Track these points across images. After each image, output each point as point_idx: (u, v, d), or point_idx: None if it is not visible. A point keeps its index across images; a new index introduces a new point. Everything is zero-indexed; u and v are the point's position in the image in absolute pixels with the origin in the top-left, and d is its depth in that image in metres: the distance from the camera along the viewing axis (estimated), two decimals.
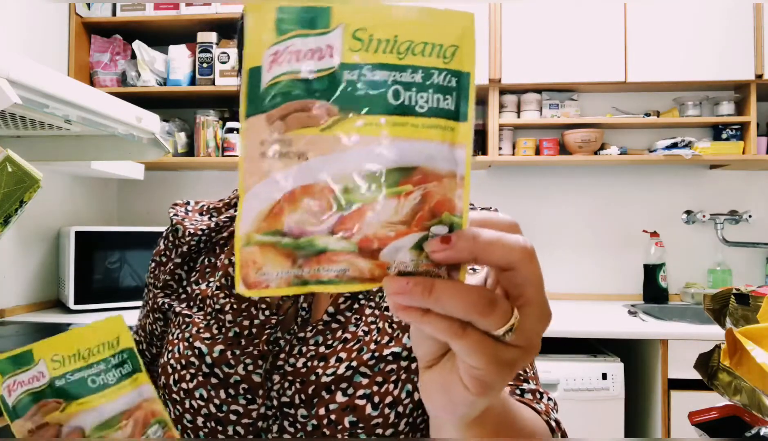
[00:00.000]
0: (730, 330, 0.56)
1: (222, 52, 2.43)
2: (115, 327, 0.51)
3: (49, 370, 0.49)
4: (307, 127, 0.29)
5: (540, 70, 2.33)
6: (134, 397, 0.50)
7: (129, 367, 0.51)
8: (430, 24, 0.29)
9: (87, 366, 0.49)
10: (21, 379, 0.49)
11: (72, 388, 0.49)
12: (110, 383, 0.50)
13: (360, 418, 0.58)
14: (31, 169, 0.59)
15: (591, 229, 2.62)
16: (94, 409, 0.49)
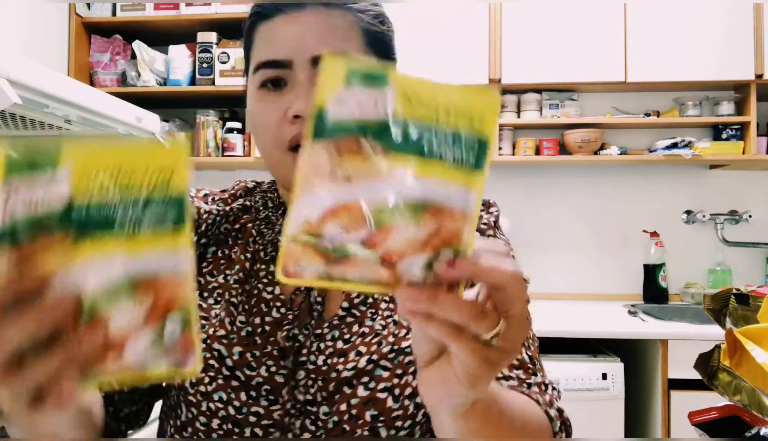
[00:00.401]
0: (730, 330, 0.56)
1: (222, 52, 2.43)
2: (172, 158, 0.36)
3: (72, 185, 0.35)
4: (359, 159, 0.36)
5: (540, 70, 2.33)
6: (167, 263, 0.37)
7: (172, 217, 0.37)
8: (466, 97, 0.37)
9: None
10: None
11: (92, 219, 0.35)
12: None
13: (381, 411, 0.58)
14: None
15: (591, 229, 2.62)
16: (109, 259, 0.35)
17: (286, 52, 0.61)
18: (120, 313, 0.36)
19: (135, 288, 0.36)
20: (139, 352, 0.36)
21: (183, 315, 0.37)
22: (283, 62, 0.61)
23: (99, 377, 0.36)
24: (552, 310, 2.25)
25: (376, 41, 0.65)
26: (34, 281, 0.34)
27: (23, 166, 0.35)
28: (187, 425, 0.62)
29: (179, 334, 0.37)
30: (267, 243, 0.68)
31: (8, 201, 0.34)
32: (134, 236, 0.36)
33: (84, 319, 0.35)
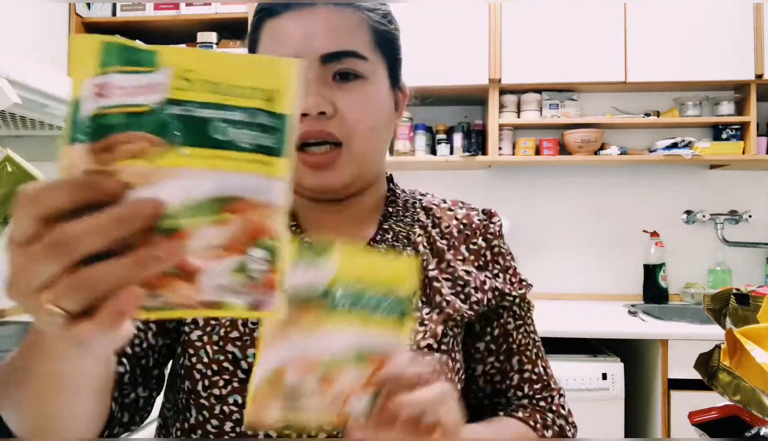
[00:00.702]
0: (730, 330, 0.56)
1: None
2: (281, 71, 0.33)
3: (170, 87, 0.31)
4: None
5: (540, 70, 2.33)
6: (260, 187, 0.32)
7: (271, 141, 0.32)
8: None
9: (223, 105, 0.32)
10: (122, 83, 0.30)
11: (187, 126, 0.31)
12: (242, 145, 0.32)
13: None
14: (31, 168, 0.59)
15: (591, 229, 2.62)
16: (198, 172, 0.31)
17: (295, 49, 0.61)
18: (201, 233, 0.31)
19: (221, 207, 0.32)
20: (216, 280, 0.32)
21: (271, 248, 0.33)
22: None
23: (167, 300, 0.32)
24: (552, 310, 2.25)
25: (384, 40, 0.66)
26: (114, 182, 0.30)
27: (121, 57, 0.31)
28: (196, 428, 0.61)
29: (264, 269, 0.33)
30: None
31: (102, 87, 0.30)
32: (227, 153, 0.32)
33: (161, 232, 0.31)
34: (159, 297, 0.32)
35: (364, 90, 0.63)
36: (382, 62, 0.66)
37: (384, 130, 0.67)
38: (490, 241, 0.72)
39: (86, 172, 0.30)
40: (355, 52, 0.62)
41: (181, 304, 0.32)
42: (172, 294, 0.32)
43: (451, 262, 0.68)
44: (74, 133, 0.31)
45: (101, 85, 0.30)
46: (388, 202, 0.72)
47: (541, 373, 0.70)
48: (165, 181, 0.31)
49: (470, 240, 0.71)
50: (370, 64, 0.63)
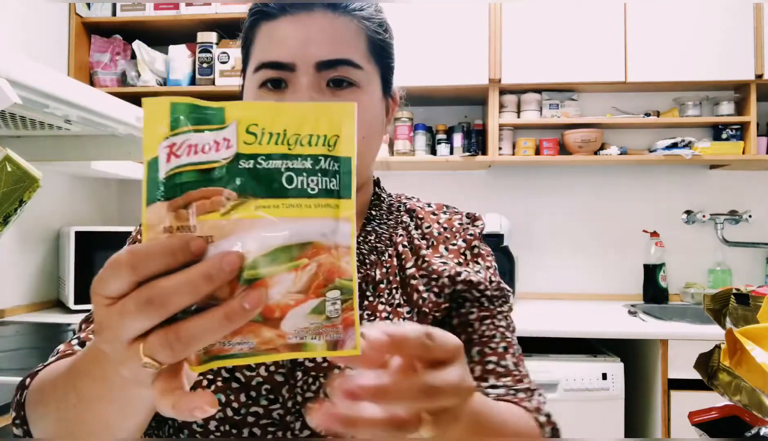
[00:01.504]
0: (730, 330, 0.56)
1: (222, 52, 2.43)
2: (340, 121, 0.34)
3: (238, 141, 0.33)
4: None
5: (540, 70, 2.33)
6: (330, 232, 0.34)
7: (335, 184, 0.34)
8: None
9: (289, 155, 0.33)
10: (193, 142, 0.32)
11: (257, 178, 0.33)
12: (310, 192, 0.33)
13: None
14: (30, 168, 0.59)
15: (591, 229, 2.62)
16: (272, 222, 0.33)
17: (290, 54, 0.61)
18: (280, 280, 0.33)
19: (296, 254, 0.33)
20: (297, 324, 0.33)
21: (345, 289, 0.34)
22: (287, 64, 0.61)
23: (254, 346, 0.33)
24: (552, 310, 2.25)
25: (378, 49, 0.66)
26: (200, 242, 0.32)
27: (190, 116, 0.32)
28: (183, 427, 0.62)
29: (339, 309, 0.34)
30: None
31: (174, 147, 0.32)
32: (297, 200, 0.33)
33: (243, 283, 0.32)
34: (246, 343, 0.33)
35: (357, 98, 0.63)
36: (375, 71, 0.66)
37: (375, 139, 0.67)
38: (470, 241, 0.72)
39: (167, 229, 0.32)
40: (351, 61, 0.62)
41: (268, 349, 0.34)
42: (258, 340, 0.33)
43: (426, 257, 0.69)
44: (153, 194, 0.32)
45: (174, 145, 0.32)
46: (372, 206, 0.73)
47: (509, 367, 0.65)
48: (241, 232, 0.32)
49: (449, 241, 0.72)
50: (365, 73, 0.63)
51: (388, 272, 0.68)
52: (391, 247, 0.70)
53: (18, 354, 1.46)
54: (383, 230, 0.71)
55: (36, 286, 2.15)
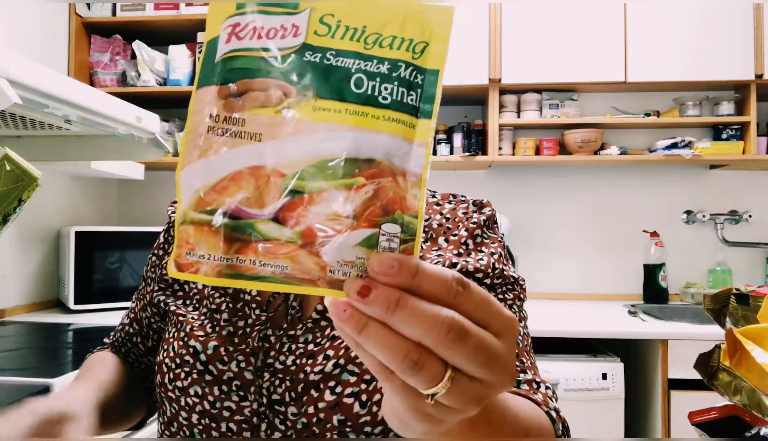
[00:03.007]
0: (730, 330, 0.56)
1: None
2: (432, 21, 0.28)
3: (308, 31, 0.28)
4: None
5: (540, 70, 2.33)
6: (400, 149, 0.28)
7: (414, 99, 0.28)
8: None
9: (365, 55, 0.28)
10: (259, 24, 0.28)
11: (324, 77, 0.28)
12: (383, 101, 0.28)
13: (348, 417, 0.57)
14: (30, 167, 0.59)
15: (591, 229, 2.62)
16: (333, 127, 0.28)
17: None
18: (329, 198, 0.28)
19: (354, 170, 0.28)
20: (341, 255, 0.28)
21: (407, 223, 0.28)
22: None
23: (289, 273, 0.28)
24: (552, 310, 2.25)
25: None
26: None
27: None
28: (172, 421, 0.64)
29: (397, 249, 0.28)
30: None
31: (237, 28, 0.28)
32: (365, 108, 0.28)
33: (286, 195, 0.28)
34: (280, 267, 0.28)
35: None
36: None
37: None
38: (472, 230, 0.68)
39: (213, 116, 0.28)
40: None
41: (303, 278, 0.28)
42: (293, 265, 0.28)
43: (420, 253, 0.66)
44: (205, 76, 0.28)
45: (237, 25, 0.28)
46: None
47: None
48: (294, 135, 0.28)
49: (450, 232, 0.68)
50: None
51: None
52: None
53: (18, 354, 1.46)
54: None
55: (36, 286, 2.15)
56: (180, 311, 0.67)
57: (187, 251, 0.28)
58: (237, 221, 0.28)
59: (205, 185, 0.28)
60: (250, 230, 0.28)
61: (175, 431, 0.63)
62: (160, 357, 0.66)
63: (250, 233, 0.28)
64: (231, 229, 0.28)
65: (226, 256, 0.28)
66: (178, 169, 0.28)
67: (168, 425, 0.64)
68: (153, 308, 0.74)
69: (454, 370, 0.28)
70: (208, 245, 0.28)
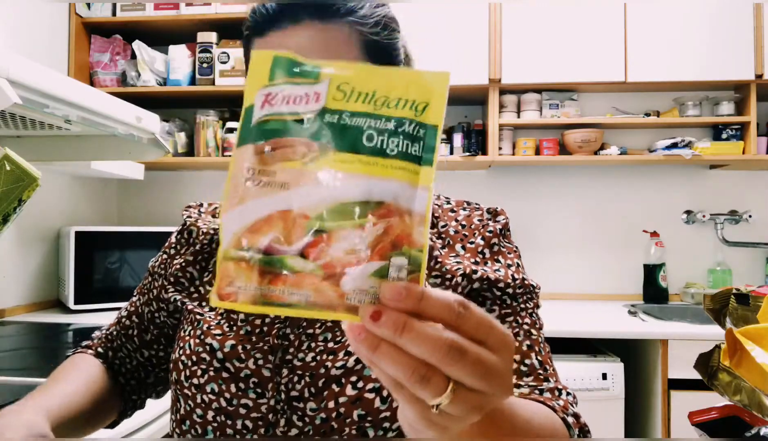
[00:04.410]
0: (730, 330, 0.56)
1: (222, 52, 2.43)
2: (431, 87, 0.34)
3: (328, 97, 0.34)
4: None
5: (540, 70, 2.33)
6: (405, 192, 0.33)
7: (417, 150, 0.34)
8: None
9: (374, 115, 0.34)
10: (287, 93, 0.34)
11: (342, 132, 0.33)
12: (390, 153, 0.33)
13: (368, 411, 0.58)
14: (30, 167, 0.59)
15: (591, 229, 2.62)
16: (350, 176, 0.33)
17: None
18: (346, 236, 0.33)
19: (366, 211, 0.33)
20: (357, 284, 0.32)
21: (413, 256, 0.33)
22: None
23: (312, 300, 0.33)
24: (552, 310, 2.25)
25: (375, 51, 0.64)
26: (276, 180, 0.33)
27: (289, 69, 0.35)
28: (185, 418, 0.64)
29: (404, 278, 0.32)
30: None
31: (270, 96, 0.35)
32: (376, 159, 0.33)
33: (309, 234, 0.33)
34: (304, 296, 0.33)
35: None
36: None
37: None
38: (489, 239, 0.69)
39: (249, 168, 0.34)
40: None
41: (325, 305, 0.33)
42: (317, 295, 0.33)
43: (439, 258, 0.66)
44: (243, 136, 0.34)
45: (269, 94, 0.34)
46: None
47: (534, 366, 0.62)
48: (317, 183, 0.33)
49: (467, 239, 0.69)
50: None
51: None
52: None
53: (18, 354, 1.46)
54: None
55: (36, 286, 2.15)
56: (197, 310, 0.68)
57: (227, 283, 0.33)
58: (269, 257, 0.33)
59: (241, 228, 0.33)
60: (280, 264, 0.33)
61: (187, 429, 0.64)
62: (176, 354, 0.66)
63: (280, 267, 0.33)
64: (264, 264, 0.33)
65: (260, 287, 0.33)
66: (221, 213, 0.34)
67: (180, 423, 0.65)
68: (161, 303, 0.74)
69: (456, 383, 0.32)
70: (244, 278, 0.33)
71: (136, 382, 0.79)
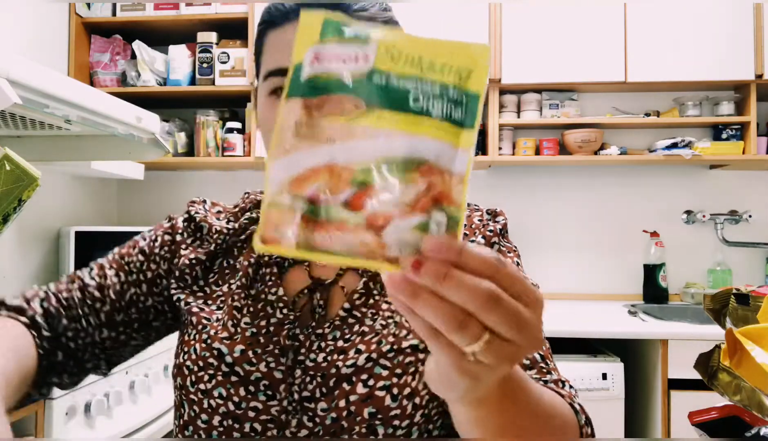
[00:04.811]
0: (730, 330, 0.56)
1: (222, 52, 2.43)
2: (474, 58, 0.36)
3: (377, 58, 0.36)
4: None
5: (540, 70, 2.33)
6: (447, 156, 0.35)
7: (459, 114, 0.36)
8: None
9: (421, 79, 0.36)
10: (337, 51, 0.36)
11: (388, 92, 0.36)
12: (432, 114, 0.35)
13: (379, 409, 0.59)
14: (29, 167, 0.59)
15: (591, 229, 2.62)
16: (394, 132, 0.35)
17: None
18: (390, 189, 0.34)
19: (410, 169, 0.35)
20: (399, 235, 0.34)
21: (452, 214, 0.35)
22: None
23: (354, 249, 0.34)
24: (552, 310, 2.25)
25: None
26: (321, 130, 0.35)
27: (338, 29, 0.36)
28: (189, 424, 0.64)
29: (444, 231, 0.35)
30: None
31: (319, 54, 0.36)
32: (420, 118, 0.35)
33: (353, 185, 0.34)
34: (347, 245, 0.34)
35: None
36: None
37: None
38: (489, 238, 0.70)
39: (297, 122, 0.35)
40: None
41: (366, 254, 0.34)
42: (359, 244, 0.34)
43: None
44: (292, 91, 0.36)
45: (319, 52, 0.36)
46: None
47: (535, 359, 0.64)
48: (362, 139, 0.35)
49: (468, 238, 0.70)
50: None
51: None
52: None
53: None
54: None
55: (36, 285, 2.15)
56: (204, 314, 0.67)
57: (272, 229, 0.34)
58: (313, 206, 0.34)
59: (288, 177, 0.35)
60: (324, 213, 0.34)
61: (190, 434, 0.63)
62: (180, 360, 0.65)
63: (324, 215, 0.34)
64: (308, 212, 0.34)
65: (303, 233, 0.34)
66: (268, 162, 0.35)
67: (183, 428, 0.64)
68: (154, 288, 0.71)
69: (491, 333, 0.34)
70: (289, 224, 0.34)
71: (74, 362, 0.71)
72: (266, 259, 0.68)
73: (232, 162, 2.46)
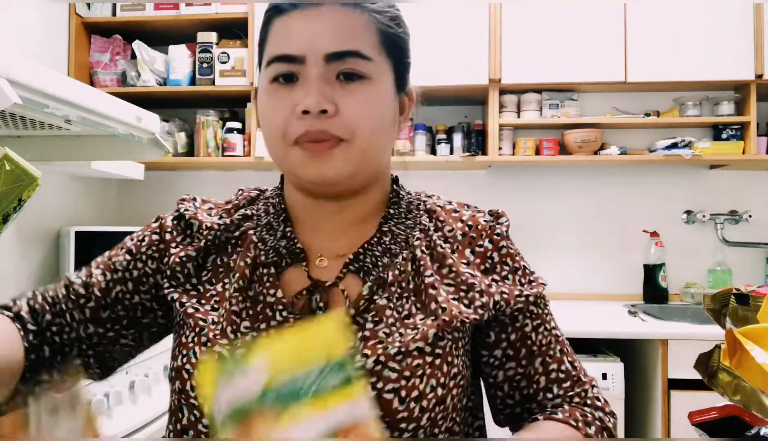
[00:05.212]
0: (730, 330, 0.56)
1: (222, 52, 2.43)
2: (332, 335, 0.47)
3: (268, 373, 0.46)
4: None
5: (540, 70, 2.33)
6: (350, 412, 0.45)
7: (342, 376, 0.46)
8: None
9: (303, 371, 0.45)
10: (237, 387, 0.45)
11: (286, 394, 0.45)
12: (325, 391, 0.45)
13: (386, 412, 0.58)
14: (29, 167, 0.59)
15: (591, 229, 2.62)
16: (308, 420, 0.44)
17: (300, 47, 0.61)
18: None
19: (334, 437, 0.43)
20: None
21: None
22: (296, 57, 0.61)
23: None
24: (552, 310, 2.25)
25: (390, 42, 0.66)
26: None
27: (229, 371, 0.46)
28: (188, 428, 0.62)
29: None
30: (269, 249, 0.68)
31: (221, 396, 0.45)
32: (320, 398, 0.44)
33: None
34: None
35: (367, 90, 0.63)
36: (387, 64, 0.65)
37: (386, 132, 0.66)
38: (497, 242, 0.69)
39: None
40: (359, 53, 0.62)
41: None
42: None
43: (454, 267, 0.66)
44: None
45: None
46: (390, 204, 0.71)
47: (569, 370, 0.67)
48: None
49: (475, 242, 0.69)
50: (375, 65, 0.63)
51: (401, 276, 0.66)
52: (407, 249, 0.67)
53: None
54: (400, 231, 0.69)
55: (36, 286, 2.14)
56: (198, 314, 0.66)
57: None
58: None
59: None
60: None
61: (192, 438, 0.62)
62: (178, 362, 0.64)
63: None
64: None
65: None
66: None
67: (181, 433, 0.63)
68: (140, 286, 0.70)
69: None
70: None
71: (61, 358, 0.71)
72: (263, 258, 0.67)
73: (232, 162, 2.46)
